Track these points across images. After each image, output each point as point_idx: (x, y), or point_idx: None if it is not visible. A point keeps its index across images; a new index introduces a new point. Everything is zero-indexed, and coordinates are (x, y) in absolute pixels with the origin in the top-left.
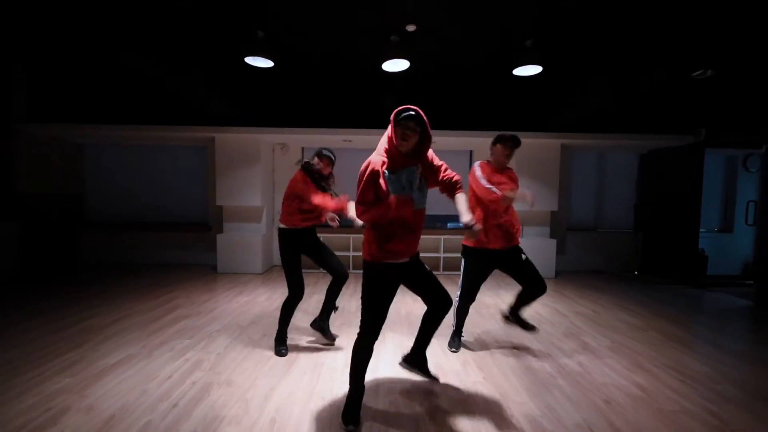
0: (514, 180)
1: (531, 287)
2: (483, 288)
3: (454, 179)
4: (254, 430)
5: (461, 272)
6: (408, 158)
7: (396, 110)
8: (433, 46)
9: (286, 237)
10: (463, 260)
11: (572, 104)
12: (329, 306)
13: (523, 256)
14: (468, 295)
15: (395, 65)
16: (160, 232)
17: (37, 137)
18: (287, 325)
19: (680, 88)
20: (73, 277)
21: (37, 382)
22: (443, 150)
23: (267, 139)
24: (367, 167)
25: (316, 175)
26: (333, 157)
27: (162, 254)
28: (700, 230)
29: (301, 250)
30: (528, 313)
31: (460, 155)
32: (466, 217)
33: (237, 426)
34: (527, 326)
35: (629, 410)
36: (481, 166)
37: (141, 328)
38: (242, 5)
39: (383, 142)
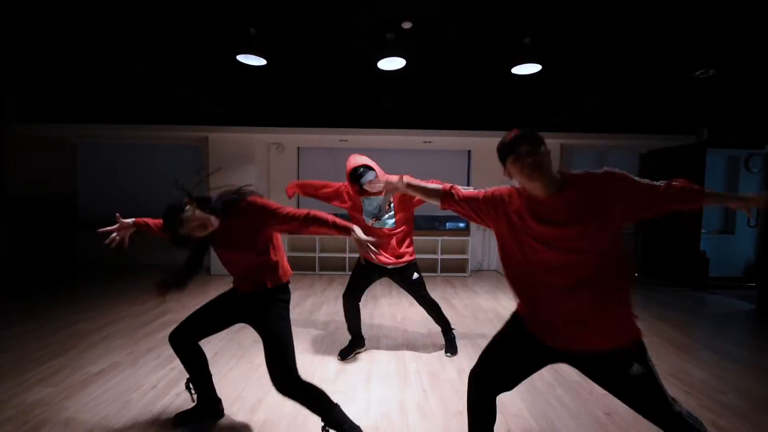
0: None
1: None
2: (480, 291)
3: None
4: None
5: None
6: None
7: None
8: (429, 44)
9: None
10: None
11: (571, 103)
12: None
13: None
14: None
15: (391, 63)
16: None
17: (28, 137)
18: None
19: (682, 87)
20: (65, 279)
21: (18, 392)
22: (441, 150)
23: (261, 138)
24: None
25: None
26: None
27: (155, 255)
28: (702, 231)
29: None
30: None
31: (458, 155)
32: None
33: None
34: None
35: (631, 422)
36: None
37: (129, 334)
38: (234, 2)
39: None
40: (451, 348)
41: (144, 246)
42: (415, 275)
